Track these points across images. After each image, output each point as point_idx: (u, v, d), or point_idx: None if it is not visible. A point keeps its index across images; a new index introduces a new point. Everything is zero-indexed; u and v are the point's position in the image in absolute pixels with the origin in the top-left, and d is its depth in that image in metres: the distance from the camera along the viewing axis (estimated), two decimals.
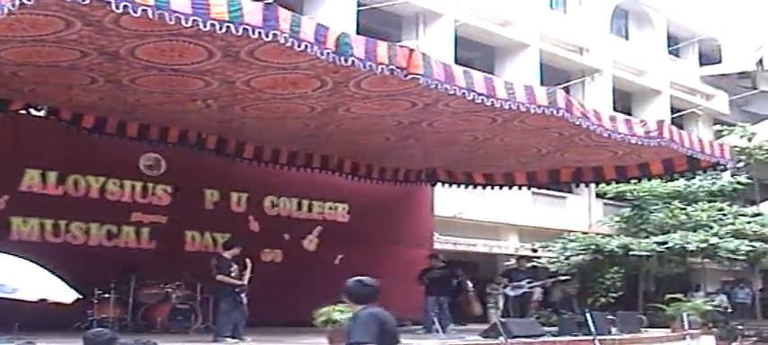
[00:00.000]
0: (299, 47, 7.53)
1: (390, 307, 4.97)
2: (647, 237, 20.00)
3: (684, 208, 20.55)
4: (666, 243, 19.18)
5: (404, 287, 13.94)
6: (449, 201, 18.46)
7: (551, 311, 16.50)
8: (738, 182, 22.01)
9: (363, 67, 8.16)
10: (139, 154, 13.39)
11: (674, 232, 19.76)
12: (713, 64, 29.39)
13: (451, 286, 14.65)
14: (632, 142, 11.51)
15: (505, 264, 19.29)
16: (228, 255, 11.16)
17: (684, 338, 14.22)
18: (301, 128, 12.26)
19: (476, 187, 16.68)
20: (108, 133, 12.20)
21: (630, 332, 13.49)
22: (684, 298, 16.14)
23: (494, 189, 16.60)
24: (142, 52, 8.53)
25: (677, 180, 19.00)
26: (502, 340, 11.04)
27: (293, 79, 9.50)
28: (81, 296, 7.08)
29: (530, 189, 18.52)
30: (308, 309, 9.93)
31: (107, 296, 11.53)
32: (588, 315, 12.39)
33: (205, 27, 6.92)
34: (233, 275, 10.93)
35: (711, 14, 28.80)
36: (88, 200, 13.00)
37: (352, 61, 7.99)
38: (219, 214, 14.28)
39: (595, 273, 19.89)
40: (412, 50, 8.65)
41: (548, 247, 20.38)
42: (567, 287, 18.55)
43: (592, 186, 20.20)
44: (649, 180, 17.26)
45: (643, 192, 21.25)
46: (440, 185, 16.91)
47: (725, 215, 20.70)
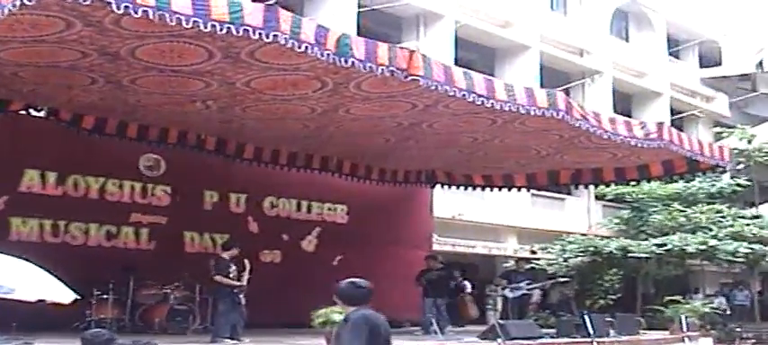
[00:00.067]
0: (299, 48, 7.52)
1: (389, 308, 4.96)
2: (646, 239, 20.02)
3: (684, 210, 20.55)
4: (665, 245, 19.20)
5: (402, 288, 13.99)
6: (448, 203, 18.46)
7: (550, 313, 16.52)
8: (738, 184, 22.04)
9: (364, 69, 8.15)
10: (139, 155, 13.38)
11: (673, 234, 19.77)
12: (713, 66, 29.42)
13: (449, 287, 14.69)
14: (632, 144, 11.49)
15: (504, 266, 19.30)
16: (227, 256, 11.14)
17: (683, 340, 14.21)
18: (301, 129, 12.26)
19: (475, 188, 16.68)
20: (108, 134, 12.18)
21: (629, 334, 13.46)
22: (683, 300, 16.18)
23: (493, 190, 16.57)
24: (142, 53, 8.53)
25: (677, 182, 18.94)
26: (500, 341, 11.06)
27: (293, 80, 9.50)
28: (79, 297, 7.09)
29: (529, 190, 18.55)
30: (307, 310, 9.90)
31: (105, 297, 11.49)
32: (586, 317, 12.44)
33: (206, 28, 6.90)
34: (231, 276, 10.92)
35: (711, 16, 28.80)
36: (87, 201, 12.98)
37: (353, 62, 7.98)
38: (219, 215, 14.27)
39: (594, 275, 19.92)
40: (412, 52, 8.63)
41: (547, 249, 20.42)
42: (565, 288, 18.52)
43: (591, 188, 20.15)
44: (649, 181, 17.31)
45: (642, 194, 21.27)
46: (439, 186, 16.89)
47: (724, 217, 20.70)
